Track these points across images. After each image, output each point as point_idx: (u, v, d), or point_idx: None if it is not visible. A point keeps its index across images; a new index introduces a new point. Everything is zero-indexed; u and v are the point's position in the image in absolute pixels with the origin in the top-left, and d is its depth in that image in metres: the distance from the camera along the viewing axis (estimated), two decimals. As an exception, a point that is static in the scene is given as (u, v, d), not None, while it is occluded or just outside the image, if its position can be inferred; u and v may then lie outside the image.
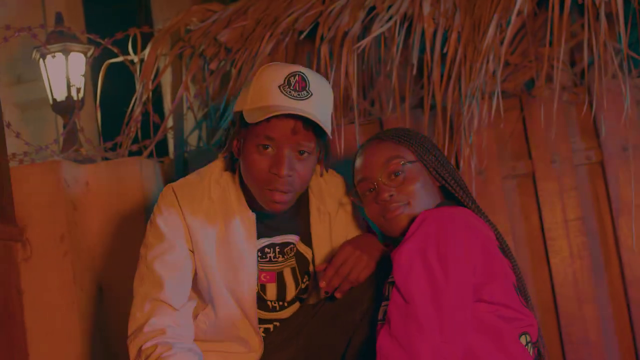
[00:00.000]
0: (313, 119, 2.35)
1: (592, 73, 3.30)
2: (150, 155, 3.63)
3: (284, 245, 2.64)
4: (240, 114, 2.43)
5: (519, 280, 2.47)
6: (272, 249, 2.62)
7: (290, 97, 2.36)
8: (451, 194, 2.55)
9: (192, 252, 2.54)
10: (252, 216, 2.56)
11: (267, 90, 2.38)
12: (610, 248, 3.35)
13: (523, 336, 2.35)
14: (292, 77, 2.38)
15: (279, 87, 2.36)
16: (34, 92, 4.46)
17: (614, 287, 3.35)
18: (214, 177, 2.59)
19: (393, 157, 2.47)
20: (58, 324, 3.25)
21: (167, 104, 4.01)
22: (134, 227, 3.43)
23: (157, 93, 4.00)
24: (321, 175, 2.66)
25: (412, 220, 2.37)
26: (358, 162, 2.56)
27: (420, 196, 2.46)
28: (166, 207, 2.54)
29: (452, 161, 3.32)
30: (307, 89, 2.39)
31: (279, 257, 2.63)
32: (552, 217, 3.35)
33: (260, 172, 2.40)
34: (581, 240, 3.32)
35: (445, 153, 3.17)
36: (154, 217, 2.56)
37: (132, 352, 2.43)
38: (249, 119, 2.36)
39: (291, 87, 2.36)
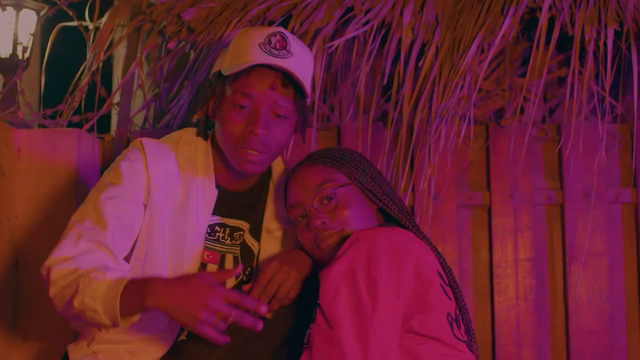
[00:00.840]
0: (290, 73, 2.32)
1: (563, 111, 3.20)
2: (90, 130, 3.42)
3: (235, 229, 2.52)
4: (217, 74, 2.41)
5: (462, 310, 2.33)
6: (222, 229, 2.50)
7: (270, 55, 2.33)
8: (391, 216, 2.41)
9: (145, 207, 2.40)
10: (214, 191, 2.47)
11: (247, 47, 2.35)
12: (558, 294, 3.25)
13: None
14: (273, 37, 2.36)
15: (260, 44, 2.34)
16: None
17: (556, 334, 3.25)
18: (183, 139, 2.51)
19: (325, 181, 2.35)
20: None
21: (117, 79, 3.82)
22: (63, 201, 3.25)
23: (108, 65, 3.80)
24: (303, 142, 2.59)
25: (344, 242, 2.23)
26: (289, 187, 2.42)
27: (355, 221, 2.33)
28: (131, 155, 2.43)
29: (408, 183, 3.18)
30: (287, 48, 2.36)
31: (227, 239, 2.51)
32: (503, 254, 3.23)
33: (235, 129, 2.35)
34: (529, 282, 3.21)
35: (403, 173, 3.05)
36: (116, 162, 2.43)
37: (55, 273, 2.21)
38: (227, 71, 2.34)
39: (271, 45, 2.34)
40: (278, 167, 2.62)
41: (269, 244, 2.56)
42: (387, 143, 3.15)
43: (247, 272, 2.56)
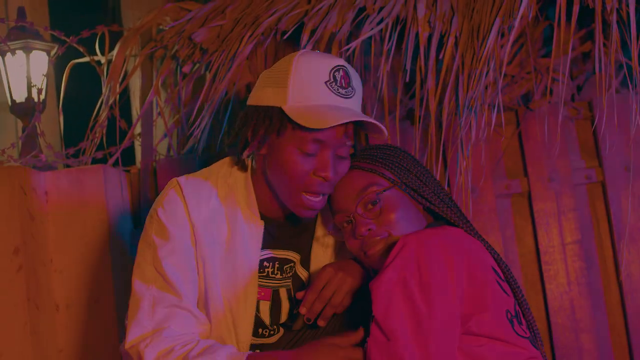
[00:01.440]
0: (373, 121, 2.21)
1: (592, 87, 3.13)
2: (115, 164, 3.42)
3: (285, 262, 2.43)
4: (278, 109, 2.20)
5: (521, 305, 2.26)
6: (271, 264, 2.40)
7: (339, 96, 2.20)
8: (440, 215, 2.32)
9: (195, 254, 2.33)
10: (260, 224, 2.36)
11: (313, 87, 2.19)
12: (610, 274, 3.18)
13: None
14: (337, 72, 2.20)
15: (326, 83, 2.19)
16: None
17: (613, 316, 3.17)
18: (221, 174, 2.40)
19: (367, 186, 2.26)
20: (10, 346, 3.01)
21: (136, 109, 3.79)
22: (95, 240, 3.24)
23: (125, 97, 3.78)
24: None
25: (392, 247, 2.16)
26: (332, 193, 2.33)
27: (402, 225, 2.24)
28: (169, 201, 2.34)
29: (443, 180, 3.12)
30: (351, 85, 2.24)
31: (277, 273, 2.41)
32: (548, 239, 3.16)
33: (302, 174, 2.22)
34: (579, 265, 3.14)
35: (436, 169, 2.98)
36: (154, 211, 2.34)
37: (150, 354, 2.18)
38: (304, 121, 2.15)
39: (338, 84, 2.20)
40: None
41: (319, 257, 2.47)
42: (417, 141, 3.09)
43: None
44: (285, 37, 3.13)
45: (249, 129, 2.26)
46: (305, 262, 2.45)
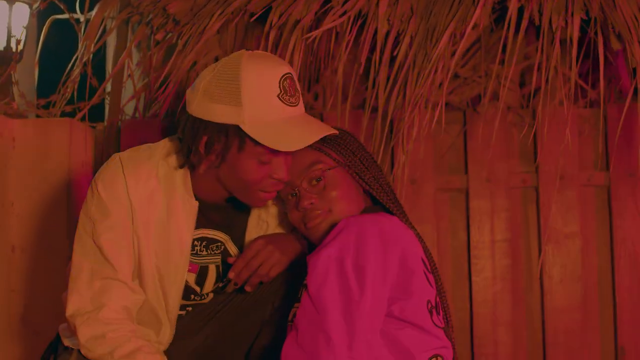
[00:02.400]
0: (332, 131, 2.37)
1: (538, 97, 3.29)
2: (83, 119, 3.51)
3: (212, 241, 2.55)
4: (236, 128, 2.27)
5: (441, 297, 2.40)
6: (199, 242, 2.54)
7: (290, 105, 2.30)
8: (377, 200, 2.46)
9: (131, 230, 2.43)
10: (195, 204, 2.46)
11: (266, 102, 2.27)
12: (533, 273, 3.36)
13: (434, 358, 2.27)
14: (285, 82, 2.30)
15: (278, 96, 2.28)
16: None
17: (531, 312, 3.36)
18: (164, 153, 2.46)
19: (314, 163, 2.38)
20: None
21: (108, 70, 3.91)
22: (56, 189, 3.36)
23: (99, 56, 3.87)
24: None
25: (333, 227, 2.29)
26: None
27: (342, 203, 2.37)
28: (111, 178, 2.41)
29: (387, 168, 3.28)
30: (295, 87, 2.34)
31: (203, 250, 2.55)
32: (480, 235, 3.34)
33: (259, 180, 2.33)
34: (506, 263, 3.32)
35: (380, 158, 3.13)
36: (95, 185, 2.42)
37: (85, 333, 2.32)
38: (269, 142, 2.25)
39: (288, 94, 2.30)
40: None
41: (253, 237, 2.58)
42: (364, 129, 3.24)
43: (225, 279, 2.60)
44: (253, 19, 3.26)
45: (200, 142, 2.32)
46: (238, 241, 2.58)
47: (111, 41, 3.86)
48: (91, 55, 3.59)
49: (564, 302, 3.30)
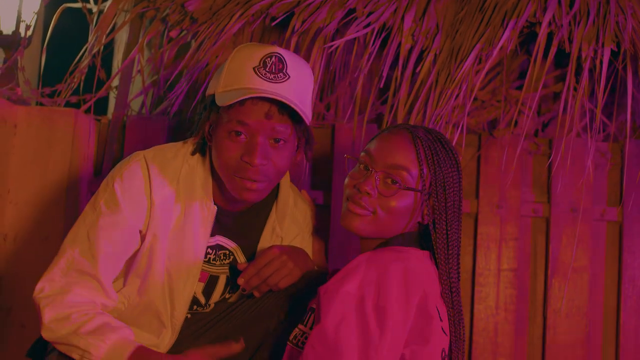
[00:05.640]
0: (287, 102, 2.21)
1: (556, 126, 3.24)
2: (87, 111, 3.43)
3: (221, 248, 2.49)
4: (212, 97, 2.29)
5: (457, 343, 2.27)
6: (214, 251, 2.48)
7: (265, 80, 2.23)
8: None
9: (145, 232, 2.37)
10: (213, 209, 2.41)
11: (240, 72, 2.25)
12: (537, 306, 3.30)
13: None
14: (268, 58, 2.25)
15: (254, 68, 2.24)
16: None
17: (533, 346, 3.30)
18: (186, 154, 2.42)
19: (404, 168, 2.24)
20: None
21: (117, 63, 3.85)
22: (55, 180, 3.29)
23: (109, 49, 3.82)
24: (307, 161, 2.48)
25: (366, 229, 2.24)
26: (381, 135, 2.34)
27: (391, 218, 2.25)
28: (130, 176, 2.35)
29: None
30: (284, 71, 2.26)
31: (216, 260, 2.49)
32: (486, 262, 3.27)
33: (231, 159, 2.26)
34: (510, 292, 3.25)
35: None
36: (112, 179, 2.36)
37: (49, 315, 2.25)
38: (220, 101, 2.23)
39: (267, 69, 2.24)
40: (285, 183, 2.54)
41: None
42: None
43: (232, 290, 2.57)
44: (274, 23, 3.20)
45: (196, 120, 2.38)
46: (248, 250, 2.52)
47: (121, 35, 3.80)
48: (102, 48, 3.52)
49: (567, 337, 3.23)
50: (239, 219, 2.48)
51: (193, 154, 2.41)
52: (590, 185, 3.24)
